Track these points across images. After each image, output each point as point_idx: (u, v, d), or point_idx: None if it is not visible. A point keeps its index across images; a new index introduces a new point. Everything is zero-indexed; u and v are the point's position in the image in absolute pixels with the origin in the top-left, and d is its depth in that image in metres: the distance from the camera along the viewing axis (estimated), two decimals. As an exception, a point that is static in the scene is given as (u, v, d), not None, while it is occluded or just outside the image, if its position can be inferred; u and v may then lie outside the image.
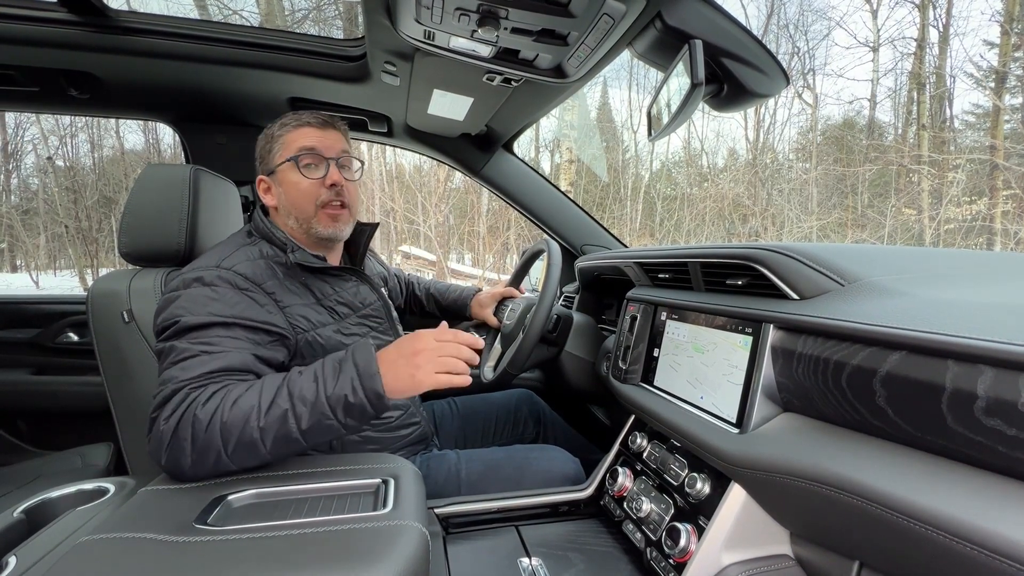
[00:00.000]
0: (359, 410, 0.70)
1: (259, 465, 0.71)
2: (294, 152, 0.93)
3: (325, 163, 0.94)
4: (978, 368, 0.43)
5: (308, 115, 0.96)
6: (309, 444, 0.70)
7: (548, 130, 11.08)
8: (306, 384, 0.70)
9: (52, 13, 1.11)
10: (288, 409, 0.68)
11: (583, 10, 0.79)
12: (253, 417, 0.66)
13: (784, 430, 0.64)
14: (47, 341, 1.75)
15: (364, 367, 0.70)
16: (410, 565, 0.52)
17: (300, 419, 0.68)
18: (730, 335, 0.77)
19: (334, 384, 0.69)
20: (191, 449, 0.66)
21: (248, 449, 0.67)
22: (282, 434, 0.67)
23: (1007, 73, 8.22)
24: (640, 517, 0.83)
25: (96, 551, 0.53)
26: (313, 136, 0.94)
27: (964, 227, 7.69)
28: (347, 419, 0.70)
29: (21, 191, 12.12)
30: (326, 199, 0.94)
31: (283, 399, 0.68)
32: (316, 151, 0.93)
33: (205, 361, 0.73)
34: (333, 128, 0.97)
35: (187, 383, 0.70)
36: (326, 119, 0.96)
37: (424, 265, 9.69)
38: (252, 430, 0.66)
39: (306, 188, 0.93)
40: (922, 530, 0.44)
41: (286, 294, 0.88)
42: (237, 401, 0.67)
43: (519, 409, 1.35)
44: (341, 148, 0.96)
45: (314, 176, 0.93)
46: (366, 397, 0.69)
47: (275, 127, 0.96)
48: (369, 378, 0.70)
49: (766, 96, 0.93)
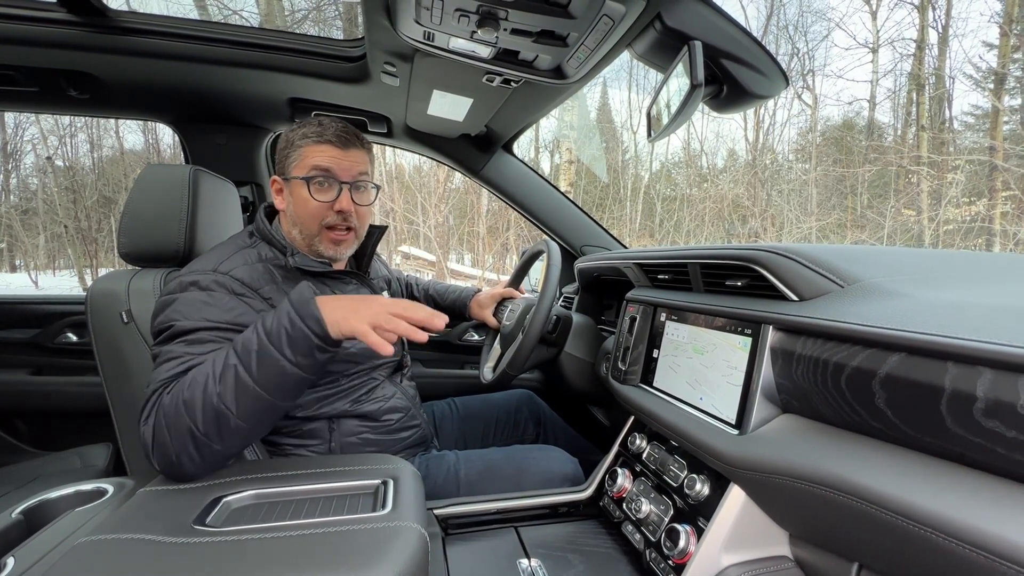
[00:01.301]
0: (303, 341, 0.68)
1: (244, 439, 0.70)
2: (307, 171, 0.90)
3: (338, 187, 0.91)
4: (977, 370, 0.43)
5: (333, 131, 0.91)
6: (274, 398, 0.68)
7: (548, 131, 11.10)
8: (248, 335, 0.70)
9: (52, 13, 1.11)
10: (236, 364, 0.67)
11: (583, 11, 0.79)
12: (209, 383, 0.66)
13: (783, 431, 0.64)
14: (46, 341, 1.74)
15: (297, 298, 0.70)
16: (409, 566, 0.52)
17: (251, 369, 0.67)
18: (729, 336, 0.77)
19: (273, 322, 0.69)
20: (169, 439, 0.66)
21: (218, 420, 0.66)
22: (240, 390, 0.66)
23: (1006, 74, 8.24)
24: (639, 518, 0.83)
25: (95, 552, 0.53)
26: (331, 156, 0.90)
27: (963, 228, 7.70)
28: (296, 355, 0.68)
29: (20, 191, 12.12)
30: (332, 223, 0.92)
31: (232, 357, 0.68)
32: (331, 174, 0.90)
33: (186, 362, 0.73)
34: (357, 147, 0.93)
35: (161, 384, 0.70)
36: (349, 137, 0.92)
37: (424, 265, 9.69)
38: (211, 396, 0.66)
39: (314, 208, 0.91)
40: (921, 532, 0.44)
41: (283, 298, 0.88)
42: (194, 377, 0.68)
43: (519, 410, 1.35)
44: (359, 171, 0.93)
45: (324, 199, 0.91)
46: (304, 324, 0.68)
47: (297, 133, 0.92)
48: (303, 305, 0.69)
49: (765, 97, 0.93)
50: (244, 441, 0.70)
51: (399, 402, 1.03)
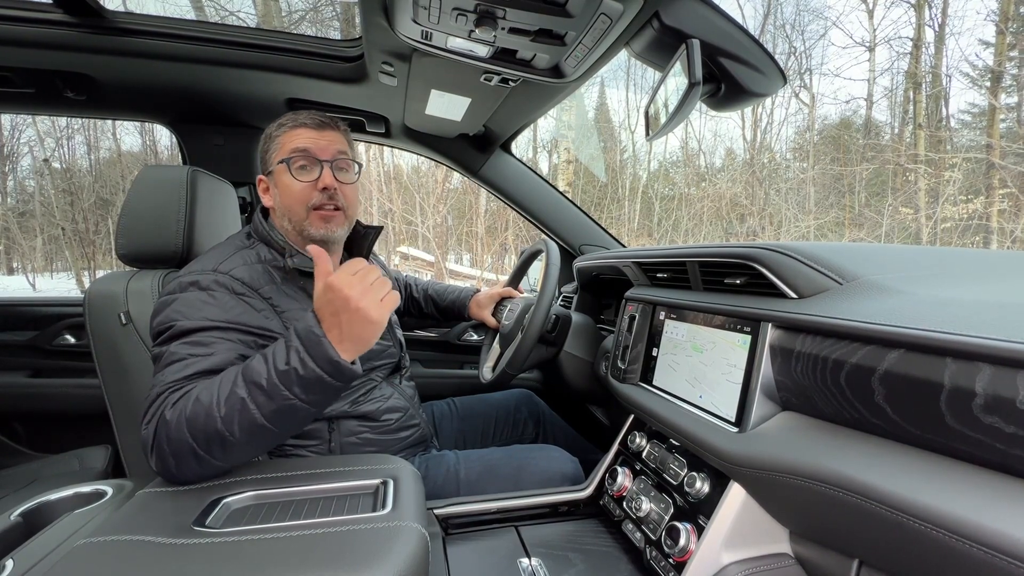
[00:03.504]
0: (317, 383, 0.65)
1: (246, 457, 0.70)
2: (287, 154, 0.91)
3: (319, 165, 0.92)
4: (976, 366, 0.43)
5: (306, 116, 0.94)
6: (281, 430, 0.67)
7: (546, 130, 11.09)
8: (258, 367, 0.66)
9: (48, 14, 1.10)
10: (244, 397, 0.65)
11: (580, 10, 0.79)
12: (213, 408, 0.64)
13: (783, 429, 0.64)
14: (44, 343, 1.74)
15: (306, 335, 0.66)
16: (409, 566, 0.52)
17: (260, 405, 0.65)
18: (729, 334, 0.77)
19: (283, 361, 0.65)
20: (169, 451, 0.65)
21: (219, 442, 0.65)
22: (246, 422, 0.64)
23: (1003, 72, 8.26)
24: (640, 517, 0.83)
25: (94, 554, 0.52)
26: (307, 137, 0.92)
27: (961, 226, 7.72)
28: (308, 395, 0.66)
29: (17, 193, 12.08)
30: (318, 202, 0.92)
31: (240, 387, 0.65)
32: (309, 153, 0.91)
33: (190, 364, 0.72)
34: (332, 129, 0.95)
35: (168, 387, 0.69)
36: (324, 120, 0.94)
37: (422, 266, 9.68)
38: (215, 421, 0.64)
39: (298, 191, 0.91)
40: (921, 527, 0.44)
41: (283, 299, 0.88)
42: (199, 396, 0.66)
43: (518, 409, 1.35)
44: (337, 149, 0.94)
45: (306, 179, 0.91)
46: (318, 367, 0.65)
47: (273, 127, 0.95)
48: (315, 345, 0.65)
49: (763, 95, 0.93)
50: (245, 458, 0.70)
51: (397, 402, 1.03)
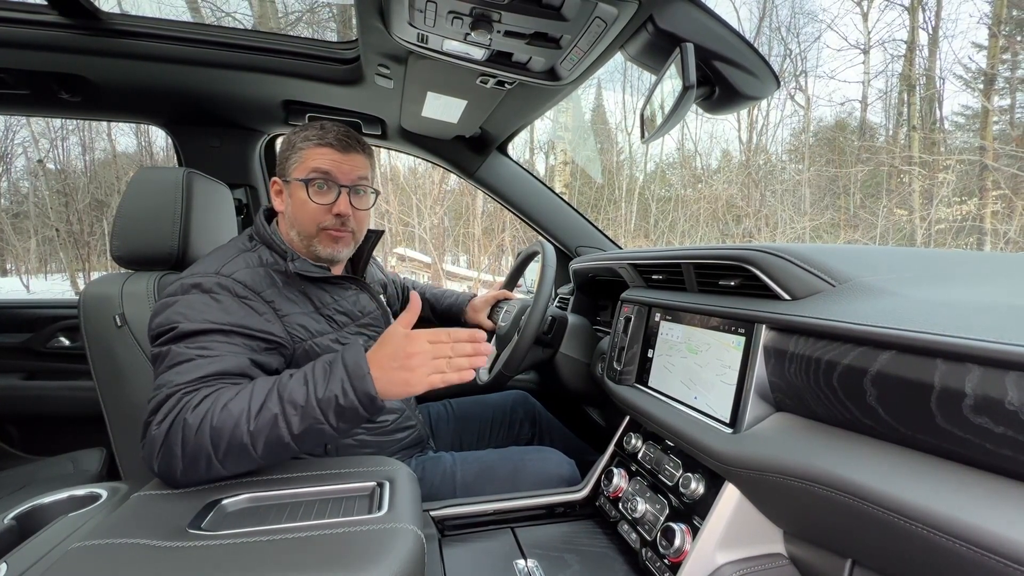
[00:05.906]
0: (351, 413, 0.68)
1: (251, 468, 0.70)
2: (307, 173, 0.90)
3: (337, 190, 0.91)
4: (966, 367, 0.43)
5: (335, 134, 0.92)
6: (302, 449, 0.69)
7: (543, 132, 11.11)
8: (296, 387, 0.68)
9: (42, 15, 1.10)
10: (278, 413, 0.66)
11: (575, 13, 0.80)
12: (243, 421, 0.65)
13: (777, 429, 0.64)
14: (38, 345, 1.73)
15: (353, 368, 0.69)
16: (406, 568, 0.52)
17: (291, 424, 0.66)
18: (723, 336, 0.77)
19: (324, 387, 0.68)
20: (181, 454, 0.65)
21: (239, 453, 0.66)
22: (273, 438, 0.66)
23: (995, 75, 8.32)
24: (635, 517, 0.83)
25: (88, 557, 0.52)
26: (331, 160, 0.91)
27: (955, 227, 7.77)
28: (339, 423, 0.68)
29: (11, 194, 12.01)
30: (330, 225, 0.92)
31: (273, 403, 0.67)
32: (331, 176, 0.91)
33: (201, 365, 0.72)
34: (357, 152, 0.94)
35: (181, 387, 0.69)
36: (351, 142, 0.93)
37: (420, 267, 9.67)
38: (242, 434, 0.65)
39: (312, 210, 0.91)
40: (913, 527, 0.45)
41: (285, 303, 0.87)
42: (227, 405, 0.66)
43: (514, 411, 1.35)
44: (358, 175, 0.93)
45: (323, 201, 0.91)
46: (357, 399, 0.67)
47: (299, 136, 0.93)
48: (360, 380, 0.68)
49: (757, 98, 0.94)
50: (248, 469, 0.70)
51: (393, 403, 1.03)
